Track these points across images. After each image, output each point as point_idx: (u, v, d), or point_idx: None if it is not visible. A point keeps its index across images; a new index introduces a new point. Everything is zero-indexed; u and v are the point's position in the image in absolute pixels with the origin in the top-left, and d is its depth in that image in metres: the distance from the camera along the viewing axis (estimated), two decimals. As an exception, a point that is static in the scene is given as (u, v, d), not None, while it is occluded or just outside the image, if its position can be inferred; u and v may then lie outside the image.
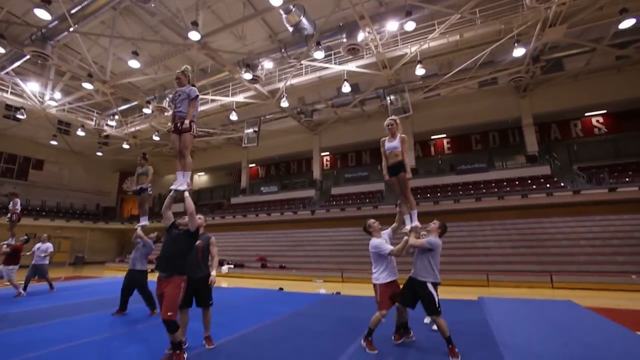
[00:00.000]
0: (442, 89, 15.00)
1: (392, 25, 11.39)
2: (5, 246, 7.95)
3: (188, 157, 3.91)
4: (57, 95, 15.87)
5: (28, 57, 11.95)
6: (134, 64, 11.60)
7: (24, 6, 12.68)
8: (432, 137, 19.71)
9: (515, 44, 10.75)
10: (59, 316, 5.74)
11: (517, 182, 13.70)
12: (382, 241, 3.97)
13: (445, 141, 19.74)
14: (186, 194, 3.77)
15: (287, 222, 17.34)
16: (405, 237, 3.84)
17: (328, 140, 20.62)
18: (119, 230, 23.27)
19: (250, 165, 25.79)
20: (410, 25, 9.96)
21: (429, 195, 14.56)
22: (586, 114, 16.03)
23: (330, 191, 19.01)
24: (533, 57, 12.51)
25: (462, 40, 11.85)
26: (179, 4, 10.99)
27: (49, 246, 8.17)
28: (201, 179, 29.04)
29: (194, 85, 4.09)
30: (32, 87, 15.37)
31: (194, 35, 9.91)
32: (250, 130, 18.34)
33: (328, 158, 23.53)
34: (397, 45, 12.57)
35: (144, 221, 6.12)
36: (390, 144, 4.02)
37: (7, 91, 14.87)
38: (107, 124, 17.42)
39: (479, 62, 12.46)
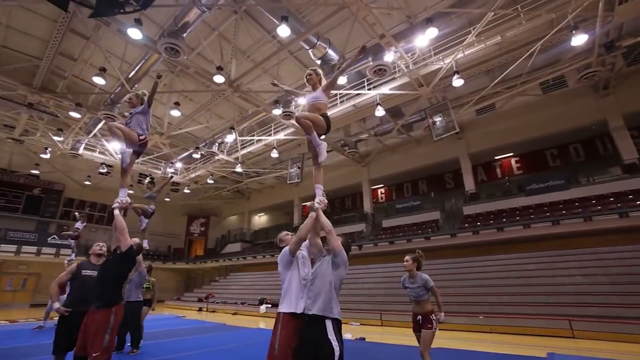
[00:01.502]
0: (495, 99, 13.14)
1: (420, 40, 10.62)
2: (66, 263, 8.83)
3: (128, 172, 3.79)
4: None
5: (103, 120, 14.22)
6: (176, 113, 12.82)
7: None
8: (497, 157, 17.26)
9: (574, 32, 8.92)
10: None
11: (611, 199, 10.69)
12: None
13: (513, 160, 17.05)
14: (116, 211, 3.53)
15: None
16: (312, 214, 2.81)
17: (377, 172, 19.63)
18: (185, 269, 24.92)
19: (305, 203, 25.90)
20: (432, 32, 9.12)
21: (491, 221, 12.24)
22: None
23: (381, 224, 17.62)
24: (606, 45, 10.27)
25: (505, 41, 10.41)
26: (212, 55, 12.11)
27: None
28: (261, 219, 29.97)
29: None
30: (115, 145, 18.16)
31: (219, 79, 10.59)
32: (295, 169, 18.50)
33: (383, 190, 22.38)
34: (432, 59, 11.61)
35: (145, 244, 6.10)
36: (311, 95, 3.21)
37: (95, 151, 17.81)
38: (171, 172, 19.39)
39: (531, 61, 10.67)
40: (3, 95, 13.17)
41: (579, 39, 9.02)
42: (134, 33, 8.59)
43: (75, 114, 12.73)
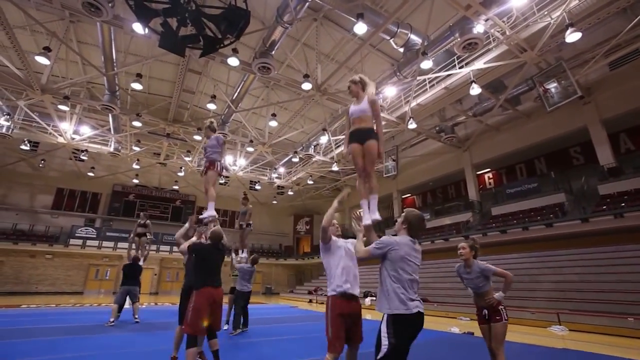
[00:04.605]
0: (638, 44, 10.25)
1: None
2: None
3: (210, 190, 4.58)
4: (243, 161, 21.17)
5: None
6: (273, 123, 14.19)
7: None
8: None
9: None
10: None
11: None
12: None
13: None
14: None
15: (437, 251, 15.50)
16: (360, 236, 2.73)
17: (481, 155, 17.76)
18: (295, 265, 27.35)
19: (406, 196, 25.23)
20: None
21: (642, 201, 9.72)
22: None
23: (490, 212, 15.90)
24: None
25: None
26: (298, 64, 12.98)
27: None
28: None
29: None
30: (228, 159, 21.23)
31: (306, 86, 11.30)
32: (390, 161, 18.26)
33: (490, 175, 20.11)
34: (534, 17, 9.92)
35: (243, 253, 7.10)
36: (356, 108, 3.06)
37: (215, 165, 21.11)
38: (275, 177, 21.54)
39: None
40: (151, 131, 16.95)
41: None
42: (233, 61, 9.98)
43: (197, 137, 15.40)
